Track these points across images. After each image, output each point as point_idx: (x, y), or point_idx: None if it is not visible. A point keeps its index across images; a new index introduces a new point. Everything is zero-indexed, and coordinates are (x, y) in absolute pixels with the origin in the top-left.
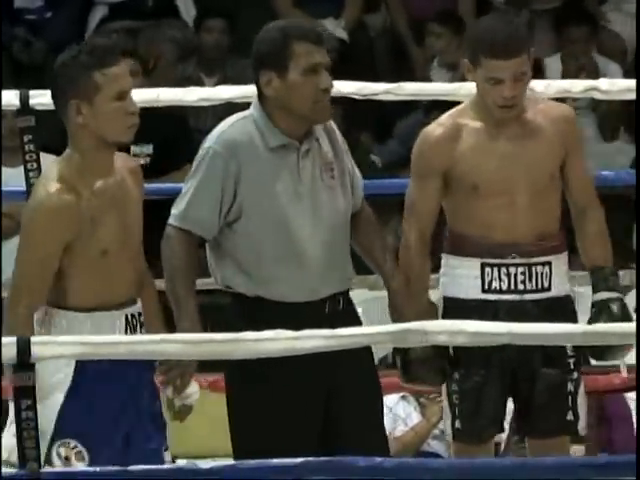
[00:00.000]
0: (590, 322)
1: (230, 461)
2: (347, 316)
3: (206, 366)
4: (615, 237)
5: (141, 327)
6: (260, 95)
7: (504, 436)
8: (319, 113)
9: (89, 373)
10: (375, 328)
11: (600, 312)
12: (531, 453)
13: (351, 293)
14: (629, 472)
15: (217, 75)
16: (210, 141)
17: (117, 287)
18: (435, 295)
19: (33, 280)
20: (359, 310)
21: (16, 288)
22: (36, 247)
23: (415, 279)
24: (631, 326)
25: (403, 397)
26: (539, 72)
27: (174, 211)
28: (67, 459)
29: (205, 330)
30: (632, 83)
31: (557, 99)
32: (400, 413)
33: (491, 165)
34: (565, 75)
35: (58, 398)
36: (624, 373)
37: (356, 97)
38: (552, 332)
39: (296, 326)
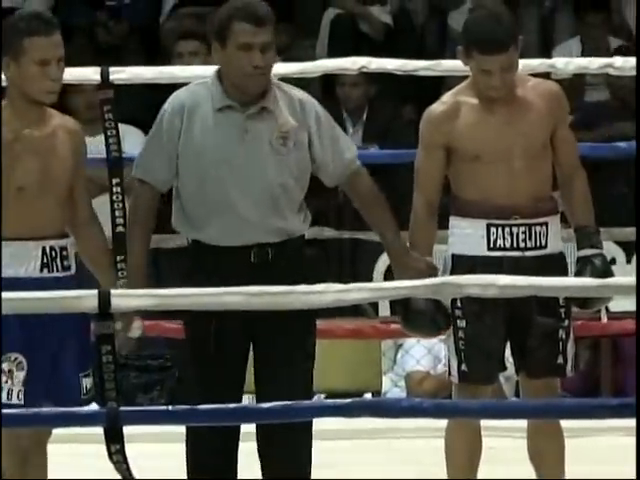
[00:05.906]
0: (576, 275)
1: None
2: (276, 267)
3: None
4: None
5: (62, 260)
6: None
7: (508, 374)
8: (249, 85)
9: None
10: (416, 282)
11: (585, 266)
12: (523, 391)
13: None
14: None
15: None
16: (165, 103)
17: (34, 221)
18: (441, 250)
19: None
20: None
21: None
22: None
23: (419, 243)
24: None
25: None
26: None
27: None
28: (10, 372)
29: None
30: None
31: (577, 75)
32: (440, 354)
33: (490, 136)
34: (584, 54)
35: None
36: (604, 319)
37: (398, 73)
38: (567, 285)
39: (225, 270)
